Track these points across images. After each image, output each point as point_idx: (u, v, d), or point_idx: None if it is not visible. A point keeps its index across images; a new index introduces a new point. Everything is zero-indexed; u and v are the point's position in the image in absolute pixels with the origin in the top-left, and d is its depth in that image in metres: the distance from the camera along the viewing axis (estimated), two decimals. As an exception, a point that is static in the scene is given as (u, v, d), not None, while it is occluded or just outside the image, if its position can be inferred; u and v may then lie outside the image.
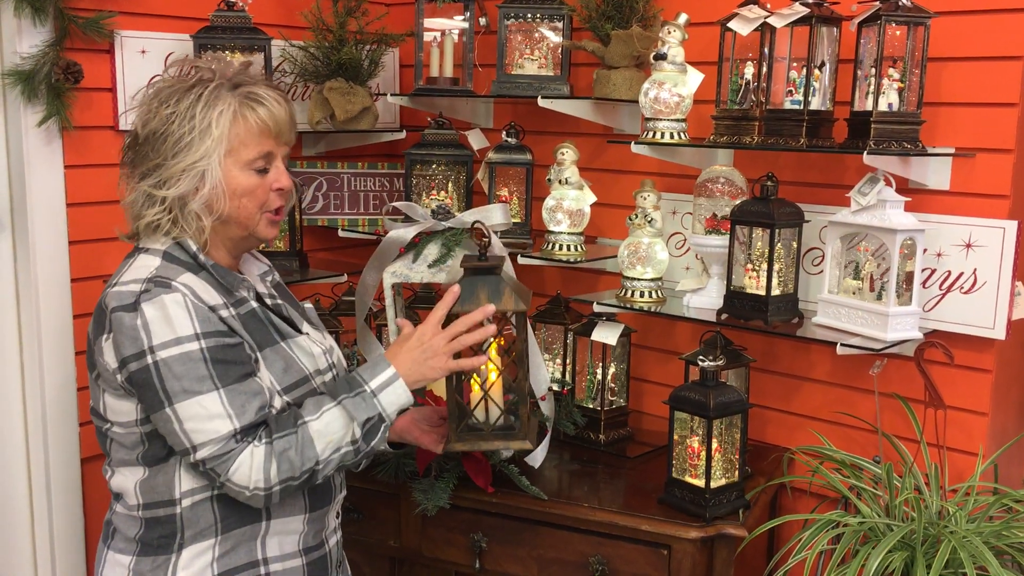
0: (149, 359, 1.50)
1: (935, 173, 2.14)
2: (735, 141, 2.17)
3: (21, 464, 2.41)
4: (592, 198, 2.49)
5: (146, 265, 1.57)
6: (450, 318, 1.67)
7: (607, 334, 2.34)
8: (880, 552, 1.82)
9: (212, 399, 1.51)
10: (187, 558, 1.60)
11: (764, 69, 2.11)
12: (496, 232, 2.01)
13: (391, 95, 2.73)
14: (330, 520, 1.78)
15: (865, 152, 1.97)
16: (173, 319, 1.50)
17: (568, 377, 2.48)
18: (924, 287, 2.14)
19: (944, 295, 2.13)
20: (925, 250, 2.09)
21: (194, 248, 1.60)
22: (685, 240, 2.52)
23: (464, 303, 1.67)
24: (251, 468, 1.52)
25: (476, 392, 1.74)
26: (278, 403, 1.60)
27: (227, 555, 1.62)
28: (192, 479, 1.59)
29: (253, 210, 1.62)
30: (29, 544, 2.43)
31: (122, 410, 1.58)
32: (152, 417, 1.54)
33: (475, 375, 1.76)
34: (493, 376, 1.75)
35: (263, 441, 1.53)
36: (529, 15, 2.54)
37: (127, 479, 1.62)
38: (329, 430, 1.56)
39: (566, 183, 2.45)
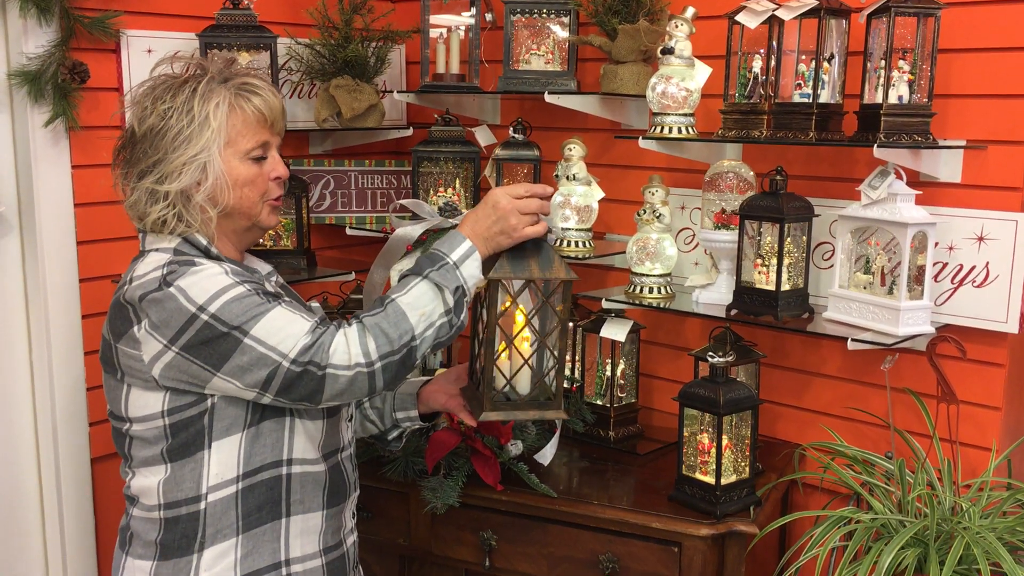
0: (204, 316, 1.50)
1: (946, 166, 2.13)
2: (744, 135, 2.16)
3: (31, 464, 2.41)
4: (600, 194, 2.48)
5: (159, 259, 1.58)
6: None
7: (616, 331, 2.33)
8: (893, 548, 1.81)
9: (278, 312, 1.53)
10: (209, 559, 1.60)
11: (772, 62, 2.09)
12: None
13: (397, 92, 2.72)
14: (347, 519, 1.79)
15: (875, 145, 1.95)
16: (210, 279, 1.53)
17: (577, 374, 2.47)
18: (936, 281, 2.12)
19: (956, 289, 2.11)
20: (936, 244, 2.07)
21: (204, 242, 1.62)
22: (694, 235, 2.51)
23: (514, 270, 1.66)
24: (348, 345, 1.51)
25: (503, 361, 1.71)
26: None
27: (250, 556, 1.62)
28: (222, 468, 1.58)
29: (255, 199, 1.65)
30: (40, 544, 2.44)
31: (148, 403, 1.57)
32: (223, 369, 1.51)
33: (505, 344, 1.72)
34: (527, 346, 1.72)
35: (353, 323, 1.54)
36: (535, 10, 2.53)
37: (148, 479, 1.61)
38: (420, 303, 1.56)
39: (574, 179, 2.44)
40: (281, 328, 1.51)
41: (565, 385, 2.39)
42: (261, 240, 2.10)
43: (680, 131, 2.24)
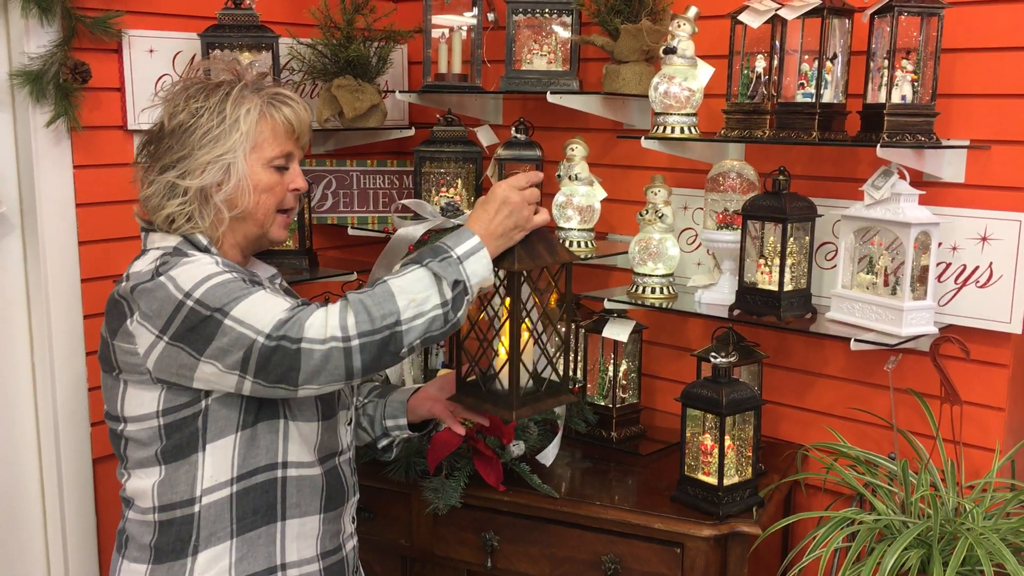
0: (190, 302, 1.50)
1: (950, 166, 2.12)
2: (746, 135, 2.16)
3: (33, 464, 2.41)
4: (602, 194, 2.47)
5: (155, 255, 1.59)
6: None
7: (618, 331, 2.33)
8: (896, 550, 1.81)
9: (259, 296, 1.52)
10: (203, 562, 1.59)
11: (775, 62, 2.09)
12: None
13: (399, 92, 2.72)
14: (346, 523, 1.78)
15: (878, 145, 1.95)
16: (199, 267, 1.53)
17: (579, 375, 2.47)
18: (939, 281, 2.12)
19: (959, 289, 2.11)
20: (940, 244, 2.07)
21: (205, 242, 1.62)
22: (696, 236, 2.50)
23: (532, 259, 1.64)
24: (326, 318, 1.46)
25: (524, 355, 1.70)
26: None
27: (244, 560, 1.61)
28: (216, 470, 1.58)
29: (271, 207, 1.67)
30: (42, 544, 2.44)
31: (143, 402, 1.57)
32: (207, 353, 1.49)
33: (527, 337, 1.70)
34: (526, 337, 1.69)
35: (337, 301, 1.52)
36: (538, 10, 2.53)
37: (143, 481, 1.61)
38: (412, 288, 1.50)
39: (576, 179, 2.43)
40: (260, 307, 1.49)
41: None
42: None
43: (683, 131, 2.24)
